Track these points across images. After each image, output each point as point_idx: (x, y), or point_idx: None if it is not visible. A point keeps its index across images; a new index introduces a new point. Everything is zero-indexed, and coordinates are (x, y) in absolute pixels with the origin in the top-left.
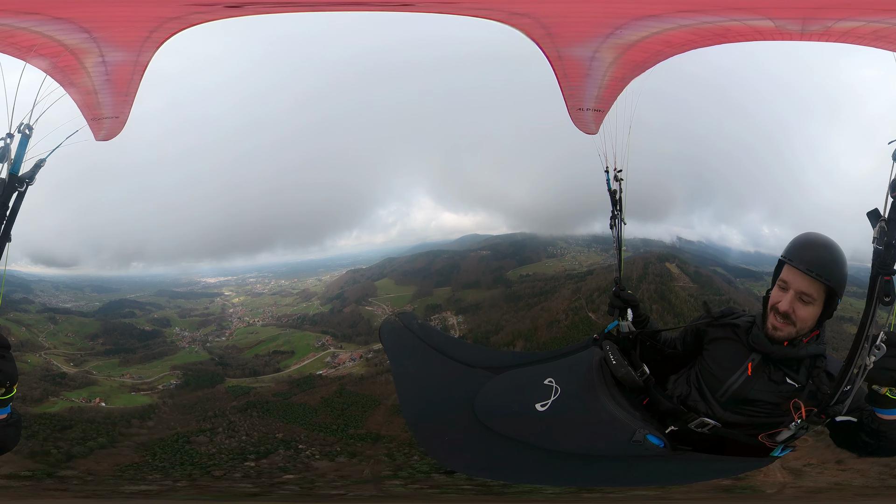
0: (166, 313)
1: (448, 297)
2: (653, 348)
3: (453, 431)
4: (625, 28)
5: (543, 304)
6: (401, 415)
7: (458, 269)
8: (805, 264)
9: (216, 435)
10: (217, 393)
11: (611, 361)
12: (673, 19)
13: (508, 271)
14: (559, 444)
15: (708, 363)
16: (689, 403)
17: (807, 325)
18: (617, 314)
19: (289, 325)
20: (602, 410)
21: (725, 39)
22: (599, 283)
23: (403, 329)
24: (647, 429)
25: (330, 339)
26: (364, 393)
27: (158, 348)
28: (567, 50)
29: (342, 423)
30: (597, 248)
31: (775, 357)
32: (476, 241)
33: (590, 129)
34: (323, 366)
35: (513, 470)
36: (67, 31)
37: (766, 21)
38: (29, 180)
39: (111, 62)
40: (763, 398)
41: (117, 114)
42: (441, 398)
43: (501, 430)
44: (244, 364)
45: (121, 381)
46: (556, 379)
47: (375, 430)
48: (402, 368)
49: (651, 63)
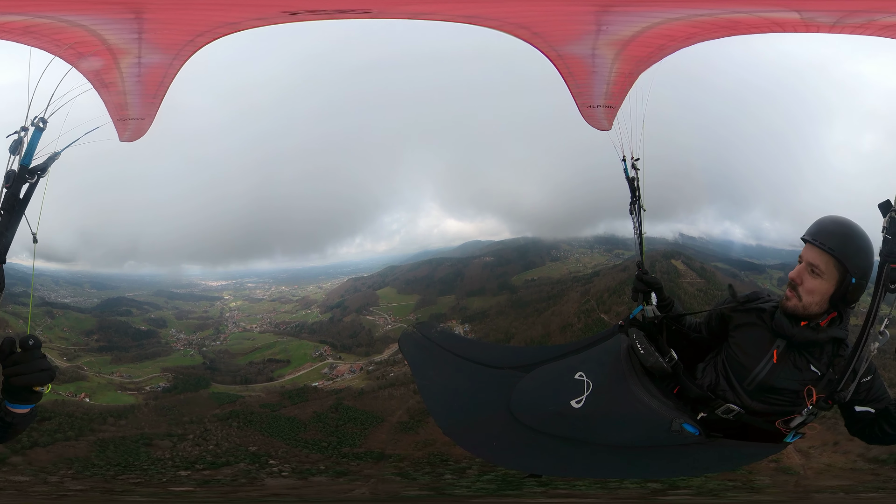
0: (163, 314)
1: (453, 305)
2: (678, 332)
3: (499, 433)
4: (609, 23)
5: (553, 308)
6: (410, 432)
7: (462, 277)
8: (811, 235)
9: (183, 441)
10: (199, 398)
11: (639, 351)
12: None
13: (513, 276)
14: (602, 438)
15: (734, 350)
16: (718, 392)
17: (814, 298)
18: (641, 298)
19: (286, 332)
20: (637, 402)
21: (735, 31)
22: (608, 284)
23: (423, 339)
24: (682, 417)
25: (328, 349)
26: (364, 409)
27: (152, 349)
28: (563, 49)
29: (335, 440)
30: (600, 250)
31: (798, 342)
32: (478, 247)
33: (602, 125)
34: (319, 377)
35: (569, 465)
36: (117, 31)
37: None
38: (41, 172)
39: (146, 64)
40: (787, 386)
41: (143, 115)
42: (475, 403)
43: (544, 428)
44: (235, 371)
45: (109, 379)
46: (586, 373)
47: (378, 449)
48: (427, 380)
49: (656, 57)
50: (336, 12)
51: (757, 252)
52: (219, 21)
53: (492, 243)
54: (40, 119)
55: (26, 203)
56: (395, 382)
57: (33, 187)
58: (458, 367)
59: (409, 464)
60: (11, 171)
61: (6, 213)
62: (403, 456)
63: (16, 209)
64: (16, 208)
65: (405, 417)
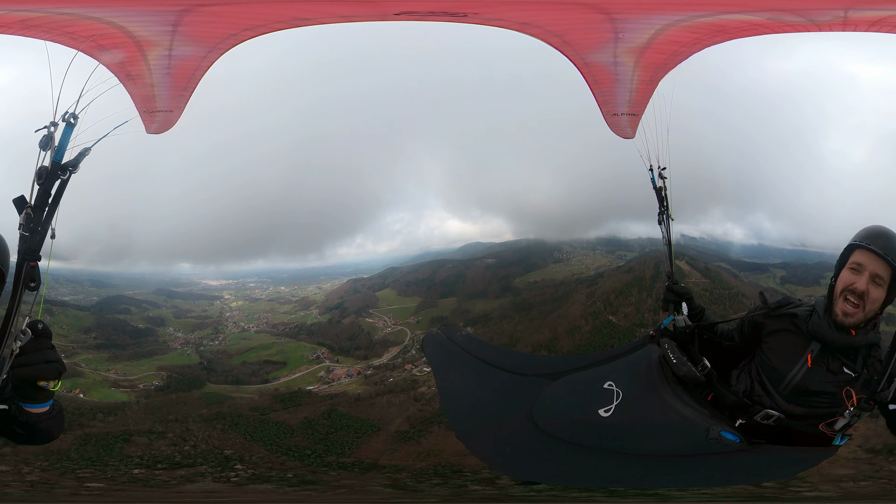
0: (161, 312)
1: (454, 308)
2: (710, 341)
3: (516, 441)
4: (626, 31)
5: (559, 311)
6: (411, 442)
7: (464, 279)
8: (882, 248)
9: (160, 439)
10: (191, 398)
11: (671, 360)
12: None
13: (516, 279)
14: (634, 447)
15: (767, 356)
16: (754, 398)
17: (875, 307)
18: (671, 308)
19: (284, 333)
20: (670, 410)
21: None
22: (614, 286)
23: (448, 342)
24: (720, 425)
25: (326, 351)
26: (359, 416)
27: (149, 347)
28: (589, 56)
29: (322, 448)
30: (602, 251)
31: (834, 346)
32: (479, 248)
33: (626, 133)
34: (315, 380)
35: (592, 475)
36: (148, 24)
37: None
38: (73, 168)
39: (177, 56)
40: (823, 389)
41: (172, 108)
42: (497, 410)
43: (567, 437)
44: (230, 371)
45: (104, 376)
46: (615, 382)
47: (370, 459)
48: (448, 383)
49: (671, 63)
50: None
51: (758, 251)
52: (290, 16)
53: (493, 245)
54: (71, 115)
55: (58, 200)
56: (394, 389)
57: (64, 184)
58: (481, 372)
59: (409, 475)
60: (44, 168)
61: (38, 211)
62: (401, 466)
63: (48, 207)
64: (48, 206)
65: (405, 426)
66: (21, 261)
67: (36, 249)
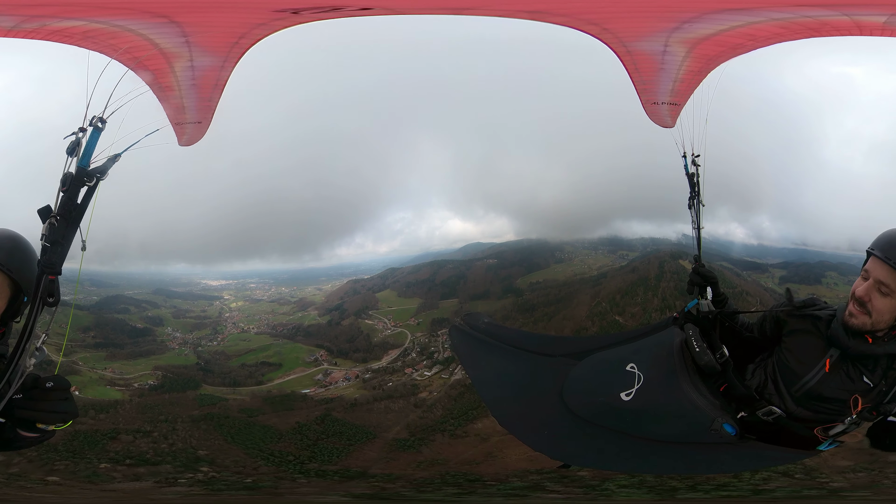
0: (160, 312)
1: (455, 309)
2: (731, 330)
3: (550, 421)
4: (695, 21)
5: (563, 311)
6: (410, 451)
7: (465, 280)
8: (885, 253)
9: (144, 437)
10: (185, 399)
11: (693, 348)
12: (764, 12)
13: (518, 279)
14: (645, 432)
15: (785, 356)
16: (764, 395)
17: (883, 317)
18: (696, 292)
19: (283, 335)
20: (685, 398)
21: (819, 34)
22: (618, 286)
23: (472, 332)
24: (724, 418)
25: (324, 353)
26: (354, 422)
27: (146, 346)
28: (634, 45)
29: (307, 454)
30: (604, 251)
31: (853, 353)
32: (480, 249)
33: (665, 122)
34: (312, 384)
35: (612, 459)
36: (164, 35)
37: (879, 17)
38: (100, 175)
39: (199, 66)
40: (837, 396)
41: (200, 119)
42: (528, 393)
43: (593, 417)
44: (227, 372)
45: (101, 374)
46: (637, 365)
47: (358, 468)
48: (480, 372)
49: (727, 55)
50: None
51: (758, 251)
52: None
53: (494, 245)
54: (98, 119)
55: (84, 208)
56: (393, 394)
57: (92, 191)
58: (509, 357)
59: (406, 484)
60: (68, 174)
61: (62, 220)
62: (397, 476)
63: (73, 215)
64: (72, 214)
65: (404, 434)
66: (40, 274)
67: (57, 262)
